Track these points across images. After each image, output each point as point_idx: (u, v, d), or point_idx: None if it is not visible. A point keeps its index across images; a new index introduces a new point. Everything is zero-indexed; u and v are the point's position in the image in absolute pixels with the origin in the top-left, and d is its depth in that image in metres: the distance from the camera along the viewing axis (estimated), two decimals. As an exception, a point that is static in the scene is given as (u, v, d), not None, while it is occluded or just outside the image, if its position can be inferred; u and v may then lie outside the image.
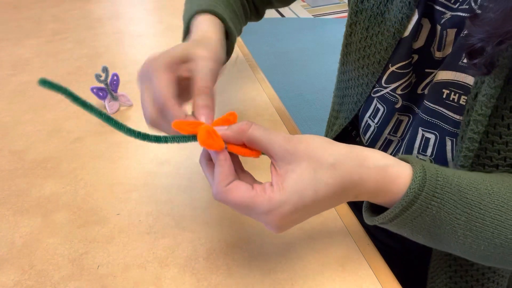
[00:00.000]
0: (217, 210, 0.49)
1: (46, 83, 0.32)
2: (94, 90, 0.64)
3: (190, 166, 0.56)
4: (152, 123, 0.40)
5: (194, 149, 0.58)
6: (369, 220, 0.38)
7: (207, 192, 0.52)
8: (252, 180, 0.37)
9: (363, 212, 0.40)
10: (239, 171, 0.38)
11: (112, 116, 0.36)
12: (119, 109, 0.67)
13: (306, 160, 0.33)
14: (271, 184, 0.34)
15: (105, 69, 0.64)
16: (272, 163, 0.35)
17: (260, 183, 0.36)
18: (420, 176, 0.34)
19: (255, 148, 0.36)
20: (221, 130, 0.36)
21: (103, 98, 0.66)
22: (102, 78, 0.64)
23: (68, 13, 1.03)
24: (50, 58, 0.83)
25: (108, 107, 0.66)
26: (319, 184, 0.33)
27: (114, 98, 0.66)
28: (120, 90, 0.68)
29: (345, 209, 0.50)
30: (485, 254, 0.37)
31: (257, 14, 0.67)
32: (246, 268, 0.43)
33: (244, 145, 0.36)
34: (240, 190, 0.34)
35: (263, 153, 0.36)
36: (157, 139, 0.36)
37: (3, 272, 0.43)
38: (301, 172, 0.33)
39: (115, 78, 0.66)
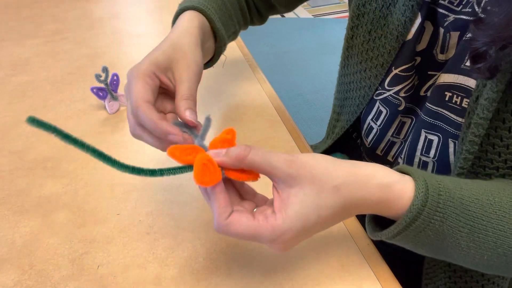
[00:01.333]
0: (217, 210, 0.49)
1: (34, 121, 0.31)
2: (94, 90, 0.64)
3: (190, 166, 0.56)
4: (133, 134, 0.40)
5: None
6: (373, 235, 0.38)
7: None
8: (252, 206, 0.37)
9: (366, 225, 0.40)
10: (238, 197, 0.37)
11: (104, 152, 0.35)
12: (119, 109, 0.67)
13: (309, 184, 0.33)
14: (273, 211, 0.34)
15: (105, 69, 0.63)
16: (273, 185, 0.35)
17: (263, 206, 0.36)
18: (422, 192, 0.34)
19: (254, 172, 0.35)
20: (219, 157, 0.34)
21: (103, 98, 0.66)
22: (102, 78, 0.64)
23: (68, 13, 1.03)
24: (50, 58, 0.83)
25: (108, 107, 0.66)
26: (322, 208, 0.33)
27: (114, 98, 0.66)
28: (120, 90, 0.68)
29: (345, 209, 0.50)
30: (489, 264, 0.37)
31: (260, 18, 0.66)
32: (246, 268, 0.43)
33: (242, 169, 0.35)
34: (241, 222, 0.33)
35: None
36: (152, 173, 0.35)
37: (3, 272, 0.43)
38: (304, 197, 0.33)
39: (115, 78, 0.66)
